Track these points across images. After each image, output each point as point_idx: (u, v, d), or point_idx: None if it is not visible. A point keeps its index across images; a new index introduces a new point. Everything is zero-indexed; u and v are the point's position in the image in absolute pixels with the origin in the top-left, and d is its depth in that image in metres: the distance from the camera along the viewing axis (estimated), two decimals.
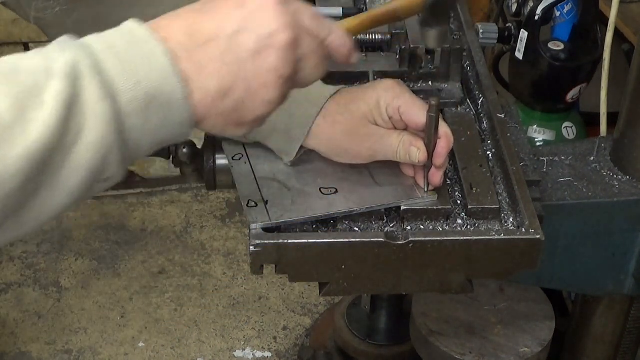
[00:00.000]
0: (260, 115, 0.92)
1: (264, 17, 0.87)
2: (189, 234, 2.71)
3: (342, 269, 1.15)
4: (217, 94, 0.87)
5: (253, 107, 0.90)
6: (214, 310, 2.46)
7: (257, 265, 1.13)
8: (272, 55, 0.88)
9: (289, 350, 2.35)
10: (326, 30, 0.95)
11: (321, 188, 1.18)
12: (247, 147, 1.26)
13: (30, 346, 2.36)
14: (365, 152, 1.20)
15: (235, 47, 0.86)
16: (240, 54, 0.87)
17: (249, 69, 0.87)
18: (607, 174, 1.48)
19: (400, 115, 1.17)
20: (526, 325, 1.61)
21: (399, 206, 1.17)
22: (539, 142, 2.07)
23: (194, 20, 0.87)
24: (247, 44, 0.87)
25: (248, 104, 0.89)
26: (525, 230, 1.14)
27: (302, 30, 0.91)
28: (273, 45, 0.87)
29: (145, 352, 2.35)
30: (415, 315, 1.62)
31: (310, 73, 0.94)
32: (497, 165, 1.27)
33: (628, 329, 1.67)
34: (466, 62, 1.45)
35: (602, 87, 1.71)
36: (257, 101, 0.90)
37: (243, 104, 0.89)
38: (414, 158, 1.16)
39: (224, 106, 0.88)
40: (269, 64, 0.88)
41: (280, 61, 0.88)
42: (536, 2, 1.93)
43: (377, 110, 1.18)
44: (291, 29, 0.88)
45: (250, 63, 0.87)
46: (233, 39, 0.86)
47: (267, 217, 1.12)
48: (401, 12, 1.09)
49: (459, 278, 1.17)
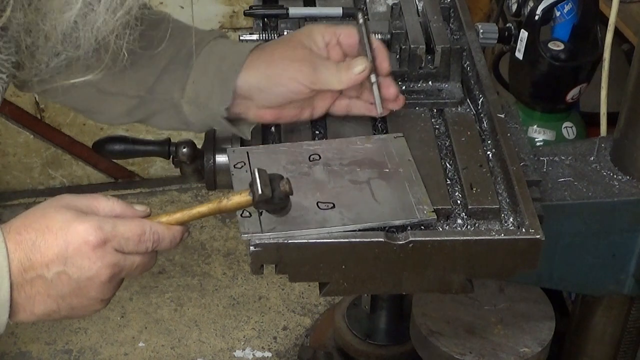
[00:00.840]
0: (93, 313, 1.08)
1: (83, 263, 1.01)
2: (189, 234, 2.70)
3: (342, 269, 1.15)
4: (41, 316, 1.04)
5: (82, 314, 1.07)
6: (214, 310, 2.46)
7: (257, 265, 1.13)
8: (92, 292, 1.03)
9: (289, 350, 2.35)
10: (153, 245, 1.06)
11: (319, 202, 1.17)
12: (250, 156, 1.26)
13: (30, 346, 2.36)
14: (306, 68, 1.23)
15: (59, 285, 1.01)
16: (62, 290, 1.02)
17: (71, 301, 1.03)
18: (607, 174, 1.48)
19: (337, 37, 1.25)
20: (526, 325, 1.61)
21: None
22: (539, 142, 2.07)
23: (30, 253, 1.00)
24: (68, 284, 1.02)
25: (75, 316, 1.08)
26: (525, 230, 1.14)
27: (122, 259, 1.04)
28: (92, 284, 1.02)
29: (145, 352, 2.35)
30: (415, 315, 1.62)
31: (138, 274, 1.08)
32: (497, 165, 1.27)
33: (628, 329, 1.67)
34: (466, 62, 1.45)
35: (602, 87, 1.71)
36: (83, 314, 1.07)
37: (70, 316, 1.07)
38: (360, 66, 1.23)
39: (50, 319, 1.06)
40: (90, 297, 1.04)
41: (101, 292, 1.04)
42: (536, 2, 1.93)
43: (312, 38, 1.26)
44: (110, 268, 1.02)
45: (73, 296, 1.03)
46: (56, 279, 1.01)
47: (259, 228, 1.12)
48: (230, 210, 1.10)
49: (459, 278, 1.17)
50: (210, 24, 2.63)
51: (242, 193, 1.06)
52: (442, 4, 1.54)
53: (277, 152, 1.28)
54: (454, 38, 1.49)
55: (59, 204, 1.03)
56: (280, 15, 1.52)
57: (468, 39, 1.47)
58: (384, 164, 1.24)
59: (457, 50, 1.40)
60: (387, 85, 1.26)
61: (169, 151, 1.42)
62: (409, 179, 1.21)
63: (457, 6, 1.54)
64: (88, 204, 1.05)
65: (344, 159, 1.25)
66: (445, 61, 1.39)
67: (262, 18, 1.54)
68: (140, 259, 1.06)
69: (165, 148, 1.42)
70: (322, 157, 1.26)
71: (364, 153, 1.26)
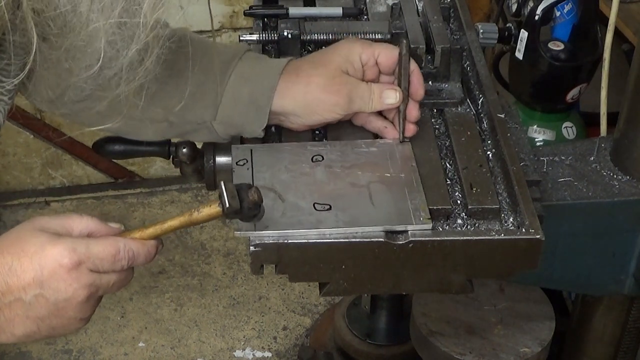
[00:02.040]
0: (74, 331, 1.10)
1: (59, 285, 1.01)
2: (189, 234, 2.71)
3: (342, 269, 1.15)
4: (22, 337, 1.05)
5: (63, 333, 1.08)
6: (214, 310, 2.46)
7: (257, 265, 1.13)
8: (71, 311, 1.04)
9: (289, 350, 2.35)
10: (128, 262, 1.06)
11: (315, 203, 1.17)
12: (253, 154, 1.26)
13: (30, 346, 2.36)
14: (342, 100, 1.25)
15: (37, 307, 1.02)
16: (41, 312, 1.03)
17: (50, 322, 1.04)
18: (607, 174, 1.48)
19: (376, 58, 1.26)
20: (526, 325, 1.61)
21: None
22: (539, 142, 2.07)
23: (7, 277, 1.01)
24: (46, 306, 1.02)
25: (56, 335, 1.08)
26: (525, 230, 1.14)
27: (98, 279, 1.04)
28: (70, 305, 1.03)
29: (145, 352, 2.35)
30: (415, 315, 1.62)
31: (116, 290, 1.09)
32: (497, 165, 1.27)
33: (628, 329, 1.67)
34: (466, 62, 1.45)
35: (602, 87, 1.71)
36: (65, 332, 1.07)
37: (51, 335, 1.07)
38: (392, 99, 1.25)
39: (31, 340, 1.08)
40: (69, 315, 1.04)
41: (79, 312, 1.05)
42: (536, 2, 1.93)
43: (349, 59, 1.26)
44: (86, 288, 1.03)
45: (52, 317, 1.04)
46: (34, 301, 1.02)
47: (252, 227, 1.12)
48: (200, 222, 1.12)
49: (459, 278, 1.17)
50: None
51: (212, 205, 1.07)
52: (442, 4, 1.54)
53: (281, 151, 1.28)
54: (454, 38, 1.49)
55: (33, 227, 1.04)
56: (280, 15, 1.52)
57: (468, 39, 1.47)
58: (386, 168, 1.23)
59: (457, 50, 1.40)
60: (411, 108, 1.27)
61: (169, 151, 1.42)
62: (409, 184, 1.20)
63: (457, 6, 1.54)
64: (62, 224, 1.05)
65: (346, 161, 1.25)
66: (445, 61, 1.39)
67: (262, 18, 1.54)
68: (117, 276, 1.07)
69: (165, 148, 1.42)
70: (325, 158, 1.26)
71: (368, 157, 1.26)
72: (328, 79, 1.25)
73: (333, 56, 1.27)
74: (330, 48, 1.30)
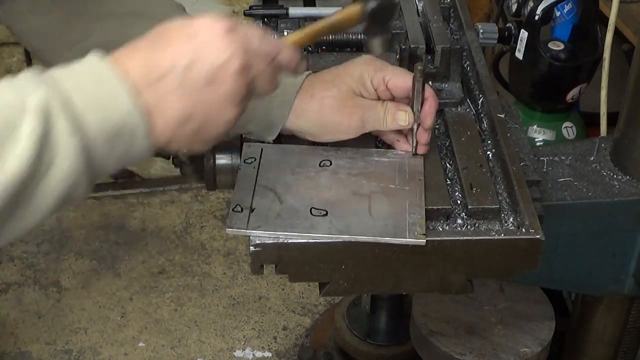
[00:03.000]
0: (222, 133, 0.99)
1: (214, 48, 0.94)
2: (189, 234, 2.71)
3: (342, 269, 1.15)
4: (178, 122, 0.95)
5: (213, 128, 0.98)
6: (214, 310, 2.46)
7: (257, 265, 1.13)
8: (226, 82, 0.95)
9: (289, 350, 2.35)
10: (274, 49, 1.01)
11: (312, 208, 1.16)
12: (263, 153, 1.27)
13: (30, 346, 2.36)
14: (355, 123, 1.25)
15: (190, 78, 0.93)
16: (196, 84, 0.94)
17: (205, 97, 0.95)
18: (607, 174, 1.48)
19: (386, 84, 1.24)
20: (526, 325, 1.61)
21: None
22: (539, 142, 2.07)
23: (151, 54, 0.93)
24: (201, 75, 0.93)
25: (208, 126, 0.97)
26: (525, 230, 1.14)
27: (252, 54, 0.97)
28: (226, 73, 0.94)
29: (145, 352, 2.35)
30: (415, 315, 1.62)
31: (264, 89, 1.02)
32: (497, 165, 1.27)
33: (628, 329, 1.67)
34: (466, 62, 1.45)
35: (602, 87, 1.71)
36: (216, 123, 0.97)
37: (204, 126, 0.97)
38: (403, 121, 1.24)
39: (185, 131, 0.96)
40: (224, 90, 0.95)
41: (234, 86, 0.95)
42: (536, 2, 1.93)
43: (361, 83, 1.25)
44: (241, 56, 0.95)
45: (206, 91, 0.94)
46: (187, 71, 0.93)
47: (244, 225, 1.12)
48: (341, 24, 1.14)
49: (459, 278, 1.17)
50: None
51: (352, 6, 1.10)
52: (442, 4, 1.54)
53: (291, 152, 1.28)
54: (454, 38, 1.49)
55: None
56: (280, 16, 1.52)
57: (468, 39, 1.47)
58: (392, 179, 1.22)
59: (457, 50, 1.40)
60: (421, 133, 1.26)
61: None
62: (411, 198, 1.19)
63: (457, 6, 1.54)
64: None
65: (354, 168, 1.25)
66: (445, 61, 1.39)
67: (262, 18, 1.54)
68: (266, 65, 1.00)
69: None
70: (332, 163, 1.25)
71: (376, 166, 1.26)
72: (341, 102, 1.25)
73: (345, 78, 1.27)
74: (342, 67, 1.29)
